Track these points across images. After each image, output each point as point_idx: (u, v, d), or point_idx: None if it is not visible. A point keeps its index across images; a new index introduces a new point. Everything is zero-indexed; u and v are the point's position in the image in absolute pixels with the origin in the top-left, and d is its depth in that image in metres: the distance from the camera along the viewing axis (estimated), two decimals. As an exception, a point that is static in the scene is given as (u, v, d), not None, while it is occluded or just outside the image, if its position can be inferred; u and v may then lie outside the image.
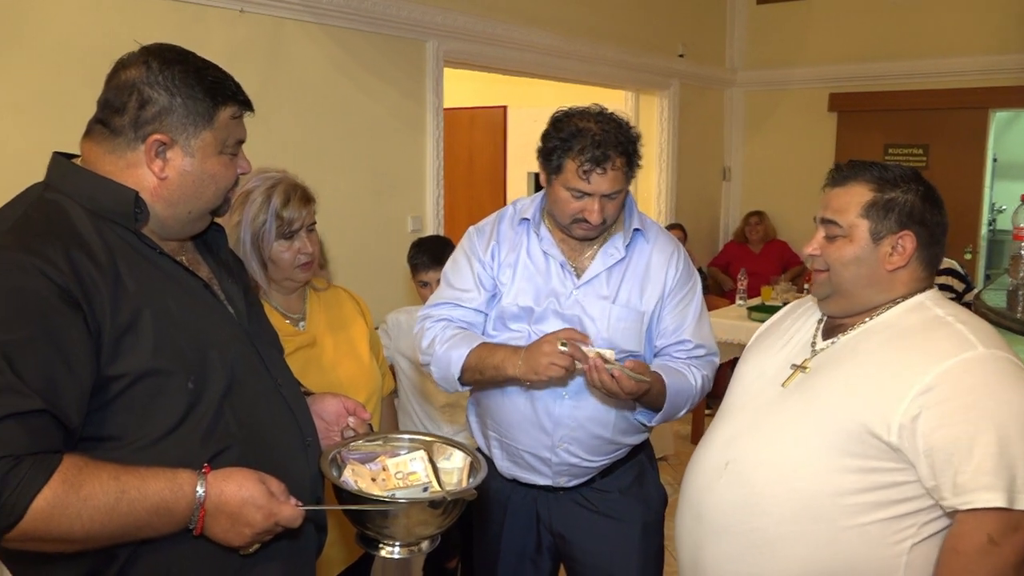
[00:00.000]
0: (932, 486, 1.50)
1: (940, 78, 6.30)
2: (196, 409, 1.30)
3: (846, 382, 1.61)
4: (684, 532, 1.81)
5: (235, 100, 1.38)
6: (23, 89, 2.93)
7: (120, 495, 1.18)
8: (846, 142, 6.77)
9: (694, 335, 2.14)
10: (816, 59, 6.82)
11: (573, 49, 5.29)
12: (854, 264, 1.65)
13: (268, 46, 3.67)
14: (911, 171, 1.69)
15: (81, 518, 1.15)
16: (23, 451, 1.12)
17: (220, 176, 1.38)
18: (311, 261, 2.05)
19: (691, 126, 6.70)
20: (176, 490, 1.22)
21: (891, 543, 1.54)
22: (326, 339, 2.10)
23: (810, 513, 1.58)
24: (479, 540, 2.31)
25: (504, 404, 2.10)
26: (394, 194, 4.34)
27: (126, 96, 1.31)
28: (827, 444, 1.58)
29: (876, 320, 1.67)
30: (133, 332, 1.24)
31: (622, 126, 2.02)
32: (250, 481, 1.27)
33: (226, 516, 1.26)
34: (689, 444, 5.40)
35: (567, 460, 2.09)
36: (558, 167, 2.00)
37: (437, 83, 4.46)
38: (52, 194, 1.30)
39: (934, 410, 1.49)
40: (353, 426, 1.60)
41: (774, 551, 1.61)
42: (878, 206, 1.64)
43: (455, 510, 1.42)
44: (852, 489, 1.55)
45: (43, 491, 1.12)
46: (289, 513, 1.29)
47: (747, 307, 5.40)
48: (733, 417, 1.79)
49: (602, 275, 2.09)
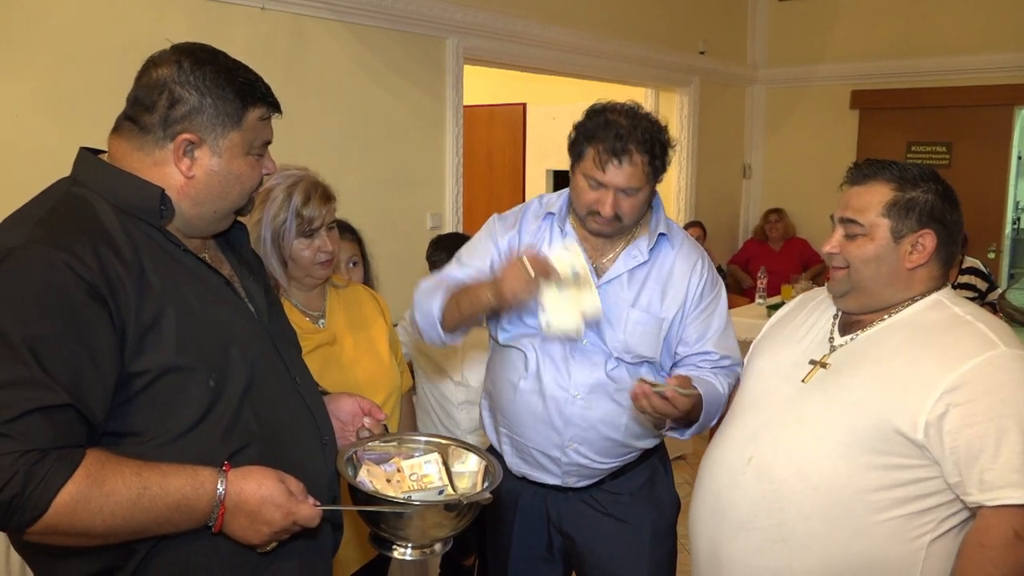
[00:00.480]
0: (955, 482, 1.53)
1: (964, 75, 6.23)
2: (217, 406, 1.30)
3: (869, 379, 1.63)
4: (701, 527, 1.82)
5: (264, 102, 1.38)
6: (48, 85, 2.96)
7: (142, 491, 1.19)
8: (868, 140, 6.71)
9: (718, 346, 2.11)
10: (838, 56, 6.76)
11: (593, 46, 5.28)
12: (874, 262, 1.68)
13: (289, 43, 3.69)
14: (930, 170, 1.71)
15: (103, 513, 1.16)
16: (48, 445, 1.13)
17: (246, 176, 1.39)
18: (331, 259, 2.05)
19: (711, 123, 6.66)
20: (197, 487, 1.23)
21: (911, 538, 1.58)
22: (346, 337, 2.10)
23: (834, 509, 1.60)
24: (491, 540, 2.31)
25: (516, 401, 2.09)
26: (413, 191, 4.34)
27: (156, 94, 1.31)
28: (851, 441, 1.60)
29: (896, 317, 1.69)
30: (157, 329, 1.25)
31: (653, 125, 2.00)
32: (270, 480, 1.27)
33: (245, 514, 1.26)
34: (707, 443, 5.36)
35: (576, 460, 2.07)
36: (580, 154, 2.00)
37: (457, 80, 4.46)
38: (79, 189, 1.31)
39: (961, 408, 1.51)
40: (368, 426, 1.60)
41: (797, 546, 1.63)
42: (899, 205, 1.66)
43: (469, 513, 1.42)
44: (876, 486, 1.58)
45: (66, 486, 1.13)
46: (307, 513, 1.30)
47: (767, 305, 5.37)
48: (752, 412, 1.80)
49: (623, 276, 2.07)
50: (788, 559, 1.64)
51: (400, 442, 1.61)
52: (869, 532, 1.58)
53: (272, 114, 1.41)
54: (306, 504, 1.30)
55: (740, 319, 4.86)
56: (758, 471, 1.69)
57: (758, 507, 1.68)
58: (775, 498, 1.66)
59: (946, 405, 1.52)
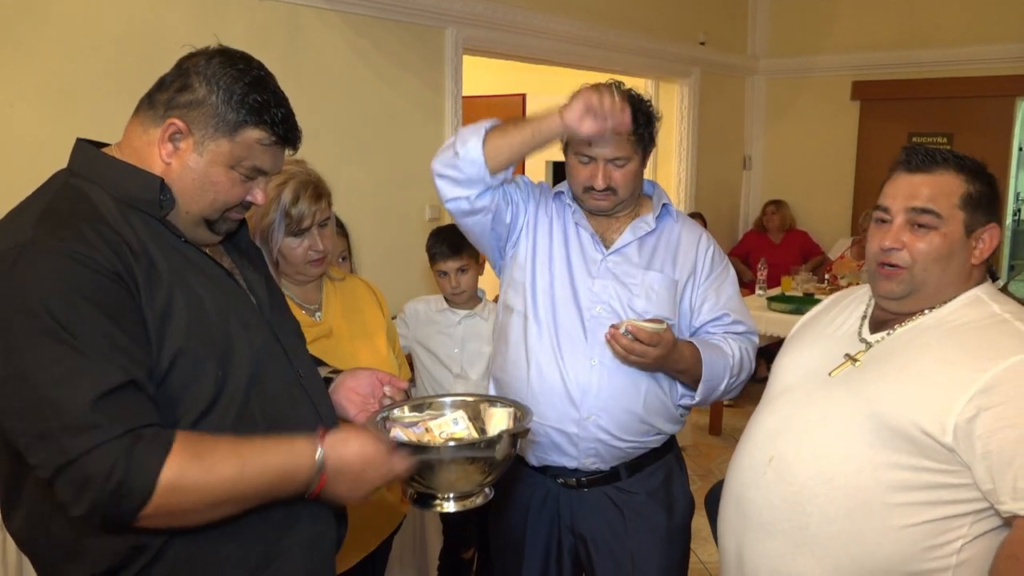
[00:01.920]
0: (988, 489, 1.45)
1: (966, 66, 6.20)
2: (224, 395, 1.29)
3: (898, 378, 1.55)
4: (727, 527, 1.77)
5: (270, 128, 1.34)
6: (44, 77, 2.93)
7: (243, 465, 1.20)
8: (869, 131, 6.69)
9: (732, 309, 2.15)
10: (839, 47, 6.74)
11: (593, 36, 5.25)
12: (946, 259, 1.57)
13: (287, 34, 3.66)
14: (981, 161, 1.62)
15: (209, 487, 1.18)
16: (135, 424, 1.13)
17: (221, 188, 1.35)
18: (322, 258, 2.03)
19: (712, 114, 6.64)
20: (296, 459, 1.26)
21: (941, 543, 1.50)
22: (343, 329, 2.09)
23: (857, 511, 1.53)
24: (500, 544, 2.29)
25: (531, 378, 2.07)
26: (412, 183, 4.32)
27: (176, 75, 1.32)
28: (875, 441, 1.52)
29: (932, 315, 1.60)
30: (168, 315, 1.24)
31: (634, 98, 2.05)
32: (370, 442, 1.32)
33: (348, 478, 1.31)
34: (707, 435, 5.38)
35: (595, 435, 2.05)
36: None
37: (456, 70, 4.44)
38: (77, 181, 1.29)
39: (993, 411, 1.43)
40: (390, 394, 1.62)
41: (821, 550, 1.56)
42: (973, 198, 1.56)
43: (505, 459, 1.44)
44: (902, 488, 1.50)
45: (167, 463, 1.13)
46: (403, 466, 1.36)
47: (767, 297, 5.36)
48: (775, 409, 1.74)
49: (633, 245, 2.12)
50: (811, 562, 1.57)
51: (425, 406, 1.63)
52: (896, 536, 1.50)
53: (277, 144, 1.37)
54: (399, 457, 1.35)
55: (740, 311, 4.85)
56: (778, 472, 1.62)
57: (779, 510, 1.61)
58: (796, 500, 1.58)
59: (977, 408, 1.43)
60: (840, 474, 1.55)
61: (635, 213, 2.16)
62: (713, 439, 5.35)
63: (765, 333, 5.06)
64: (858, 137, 6.75)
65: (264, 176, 1.39)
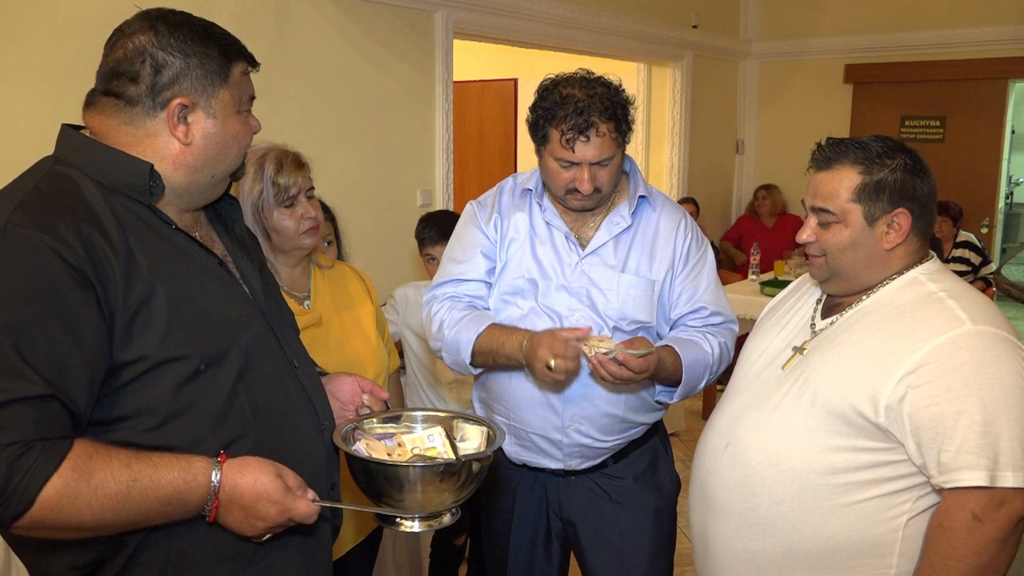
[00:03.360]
0: (921, 464, 1.52)
1: (958, 48, 6.18)
2: (206, 392, 1.26)
3: (836, 363, 1.62)
4: (694, 511, 1.85)
5: (242, 55, 1.35)
6: (32, 63, 2.90)
7: (132, 483, 1.15)
8: (862, 114, 6.68)
9: (709, 302, 2.10)
10: (832, 29, 6.71)
11: (585, 20, 5.22)
12: (851, 248, 1.66)
13: (275, 17, 3.62)
14: (894, 143, 1.66)
15: (92, 507, 1.12)
16: (30, 437, 1.08)
17: (241, 135, 1.36)
18: (316, 226, 2.01)
19: (704, 98, 6.61)
20: (190, 480, 1.19)
21: (887, 519, 1.57)
22: (332, 318, 2.07)
23: (803, 492, 1.61)
24: (488, 527, 2.29)
25: (512, 385, 2.06)
26: (403, 168, 4.30)
27: (138, 64, 1.26)
28: (817, 425, 1.60)
29: (871, 299, 1.67)
30: (146, 312, 1.20)
31: (610, 90, 1.95)
32: (266, 476, 1.24)
33: (240, 508, 1.23)
34: (700, 420, 5.38)
35: (579, 441, 2.05)
36: (544, 137, 1.96)
37: (447, 55, 4.40)
38: (63, 167, 1.25)
39: (920, 390, 1.50)
40: (368, 404, 1.57)
41: (771, 530, 1.65)
42: (868, 188, 1.62)
43: (474, 479, 1.39)
44: (843, 468, 1.57)
45: (52, 479, 1.09)
46: (304, 510, 1.27)
47: (760, 282, 5.36)
48: (736, 398, 1.82)
49: (608, 244, 2.04)
50: (762, 542, 1.65)
51: (400, 419, 1.59)
52: (841, 514, 1.58)
53: (251, 68, 1.38)
54: (303, 500, 1.27)
55: (733, 295, 4.83)
56: (733, 457, 1.71)
57: (733, 493, 1.70)
58: (747, 483, 1.67)
59: (906, 387, 1.51)
60: (786, 457, 1.62)
61: (610, 204, 2.08)
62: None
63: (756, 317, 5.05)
64: (851, 121, 6.73)
65: (252, 102, 1.40)
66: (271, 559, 1.35)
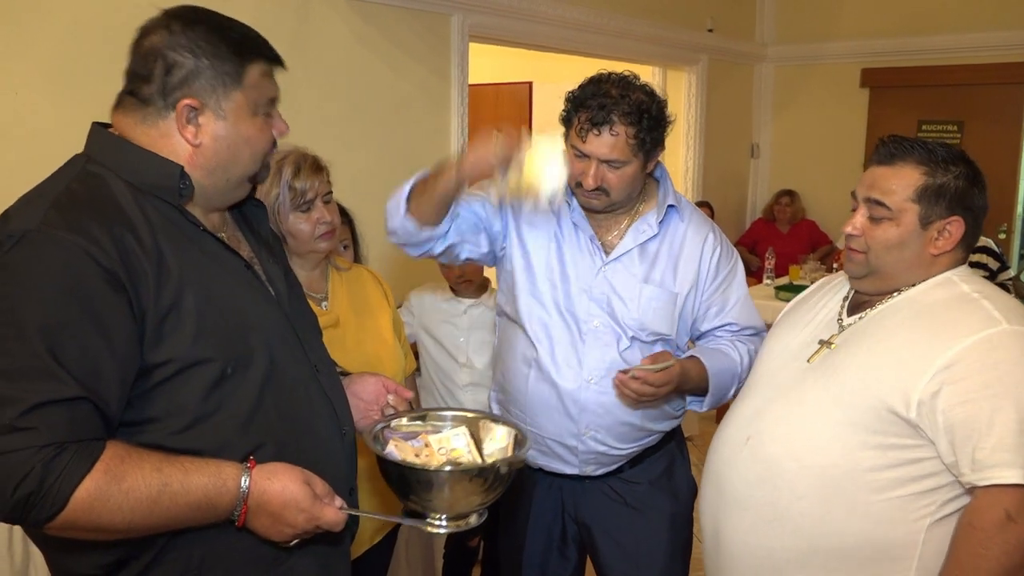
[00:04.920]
0: (951, 462, 1.50)
1: (976, 53, 6.13)
2: (234, 395, 1.26)
3: (867, 358, 1.60)
4: (706, 504, 1.82)
5: (263, 56, 1.32)
6: (48, 63, 2.92)
7: (162, 488, 1.15)
8: (878, 119, 6.63)
9: (739, 317, 2.09)
10: (849, 33, 6.67)
11: (600, 23, 5.21)
12: (898, 248, 1.64)
13: (293, 21, 3.64)
14: (959, 152, 1.65)
15: (123, 510, 1.13)
16: (64, 439, 1.09)
17: (255, 139, 1.33)
18: (332, 230, 2.02)
19: (719, 102, 6.59)
20: (220, 486, 1.20)
21: (909, 520, 1.55)
22: (349, 319, 2.08)
23: (827, 488, 1.58)
24: (504, 530, 2.29)
25: (528, 391, 2.05)
26: (418, 170, 4.30)
27: (151, 63, 1.26)
28: (846, 420, 1.58)
29: (903, 296, 1.66)
30: (176, 314, 1.21)
31: (647, 97, 1.94)
32: (295, 483, 1.25)
33: (267, 515, 1.24)
34: (713, 424, 5.34)
35: (594, 448, 2.04)
36: (567, 121, 1.98)
37: (462, 58, 4.41)
38: (94, 167, 1.25)
39: (954, 386, 1.48)
40: (393, 404, 1.57)
41: (790, 525, 1.62)
42: (930, 191, 1.60)
43: (502, 482, 1.40)
44: (871, 466, 1.55)
45: (84, 482, 1.10)
46: (332, 517, 1.28)
47: (774, 287, 5.34)
48: (757, 392, 1.79)
49: (633, 252, 2.03)
50: (781, 538, 1.63)
51: (426, 418, 1.59)
52: (865, 512, 1.56)
53: (275, 68, 1.35)
54: (331, 508, 1.28)
55: (748, 300, 4.84)
56: (753, 450, 1.69)
57: (752, 486, 1.68)
58: (768, 477, 1.65)
59: (940, 383, 1.49)
60: (809, 452, 1.60)
61: (637, 212, 2.06)
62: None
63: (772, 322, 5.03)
64: (867, 125, 6.68)
65: (276, 104, 1.37)
66: (291, 563, 1.36)
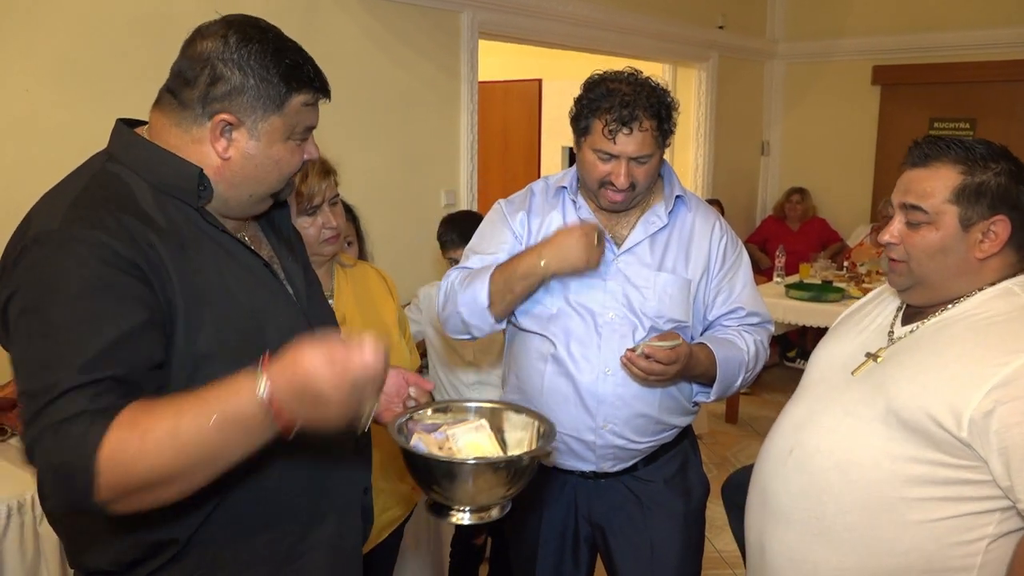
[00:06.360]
0: (1007, 486, 1.41)
1: (988, 50, 6.10)
2: None
3: (917, 371, 1.51)
4: (752, 516, 1.77)
5: (310, 87, 1.32)
6: (58, 61, 2.93)
7: (178, 419, 1.08)
8: (890, 116, 6.60)
9: (745, 303, 2.11)
10: (860, 30, 6.64)
11: (610, 20, 5.20)
12: (940, 254, 1.54)
13: (302, 18, 3.65)
14: (1000, 148, 1.56)
15: (145, 454, 1.07)
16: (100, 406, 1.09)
17: (284, 162, 1.33)
18: (337, 235, 2.02)
19: (730, 99, 6.57)
20: (235, 394, 1.09)
21: (966, 541, 1.46)
22: (355, 316, 2.08)
23: (873, 504, 1.51)
24: (515, 530, 2.28)
25: (545, 387, 2.04)
26: (428, 168, 4.31)
27: (199, 69, 1.25)
28: (892, 433, 1.50)
29: (958, 308, 1.56)
30: (197, 310, 1.21)
31: (655, 89, 1.98)
32: (303, 346, 1.11)
33: (304, 399, 1.10)
34: (723, 423, 5.34)
35: (612, 442, 2.03)
36: (586, 128, 1.97)
37: (472, 55, 4.40)
38: (114, 166, 1.27)
39: (1010, 405, 1.38)
40: (415, 396, 1.56)
41: (837, 540, 1.55)
42: (969, 190, 1.50)
43: (525, 474, 1.40)
44: (918, 482, 1.47)
45: (106, 439, 1.06)
46: (361, 358, 1.09)
47: (785, 285, 5.32)
48: (802, 402, 1.73)
49: (644, 243, 2.05)
50: (827, 553, 1.56)
51: (449, 409, 1.59)
52: (915, 531, 1.48)
53: (319, 99, 1.35)
54: (356, 351, 1.10)
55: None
56: (798, 462, 1.62)
57: (797, 498, 1.61)
58: (812, 490, 1.58)
59: (994, 402, 1.39)
60: (856, 466, 1.53)
61: (646, 204, 2.08)
62: (729, 427, 5.32)
63: (782, 321, 5.02)
64: (879, 122, 6.66)
65: (312, 131, 1.37)
66: (302, 562, 1.36)
